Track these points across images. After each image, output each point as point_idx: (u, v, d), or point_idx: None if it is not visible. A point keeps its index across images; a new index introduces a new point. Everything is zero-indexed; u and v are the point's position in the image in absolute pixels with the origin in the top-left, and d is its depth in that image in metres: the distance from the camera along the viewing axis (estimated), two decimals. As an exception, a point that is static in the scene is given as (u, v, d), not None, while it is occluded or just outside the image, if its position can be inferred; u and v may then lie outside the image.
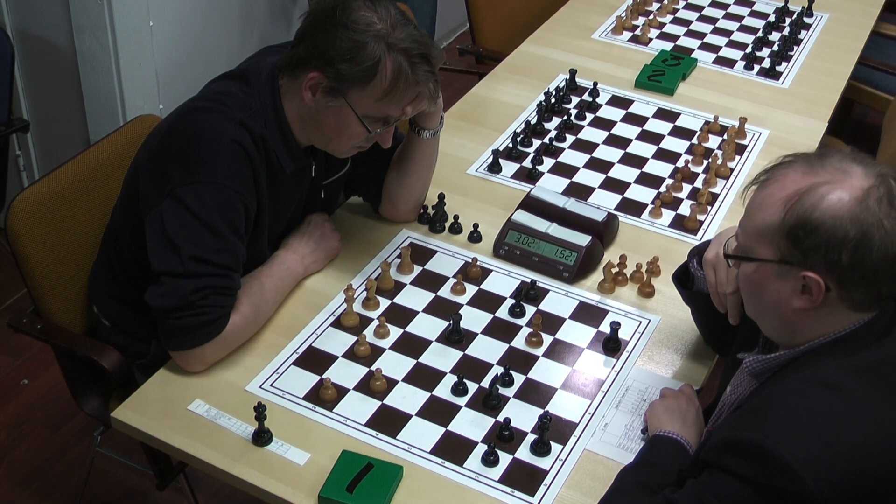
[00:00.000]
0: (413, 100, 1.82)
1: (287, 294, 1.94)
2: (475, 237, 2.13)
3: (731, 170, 2.39)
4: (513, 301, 1.97)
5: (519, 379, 1.80)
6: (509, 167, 2.37)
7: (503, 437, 1.69)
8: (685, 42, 2.96)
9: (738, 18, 3.09)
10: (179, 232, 1.72)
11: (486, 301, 1.98)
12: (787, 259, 1.39)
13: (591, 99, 2.62)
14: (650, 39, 2.95)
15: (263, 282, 1.87)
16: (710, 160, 2.40)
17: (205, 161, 1.74)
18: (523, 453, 1.67)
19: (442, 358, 1.84)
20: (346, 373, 1.80)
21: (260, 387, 1.77)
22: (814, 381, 1.37)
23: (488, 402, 1.75)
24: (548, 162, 2.39)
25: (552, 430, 1.69)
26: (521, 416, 1.73)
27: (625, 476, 1.57)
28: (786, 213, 1.37)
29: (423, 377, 1.80)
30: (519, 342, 1.89)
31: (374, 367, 1.80)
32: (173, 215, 1.73)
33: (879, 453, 1.31)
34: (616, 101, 2.64)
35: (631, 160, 2.41)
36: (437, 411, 1.74)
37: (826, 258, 1.35)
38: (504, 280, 2.03)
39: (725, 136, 2.50)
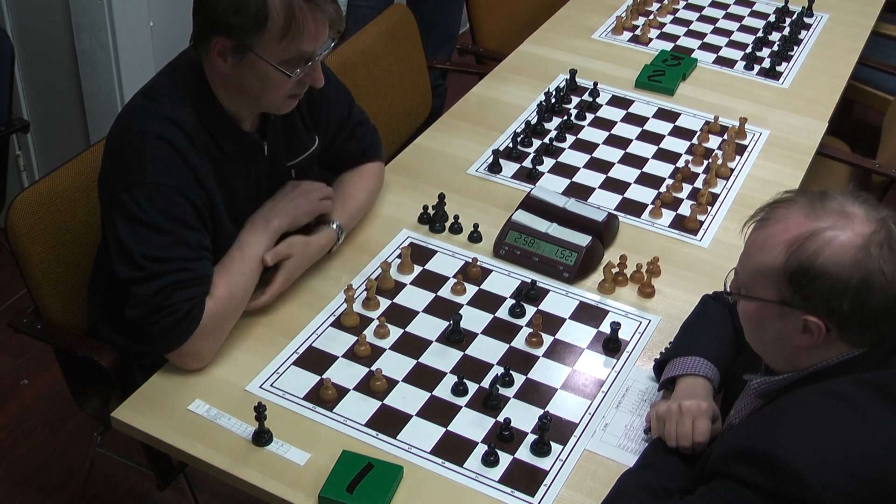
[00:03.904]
0: (322, 28, 1.77)
1: (260, 262, 1.87)
2: (475, 237, 2.13)
3: (732, 170, 2.39)
4: (513, 301, 1.96)
5: (519, 379, 1.80)
6: (509, 167, 2.37)
7: (503, 437, 1.68)
8: (685, 42, 2.96)
9: (738, 18, 3.09)
10: (129, 237, 1.73)
11: (487, 301, 1.97)
12: (789, 302, 1.40)
13: (591, 99, 2.62)
14: (650, 39, 2.95)
15: (233, 255, 1.86)
16: (710, 160, 2.40)
17: (134, 163, 1.75)
18: (523, 453, 1.67)
19: (442, 358, 1.84)
20: (346, 373, 1.80)
21: (260, 387, 1.77)
22: (822, 392, 1.38)
23: (488, 403, 1.75)
24: (548, 162, 2.39)
25: (552, 431, 1.69)
26: (522, 416, 1.73)
27: (628, 479, 1.57)
28: (788, 257, 1.38)
29: (424, 377, 1.80)
30: (519, 342, 1.89)
31: (374, 367, 1.80)
32: (119, 222, 1.74)
33: (889, 463, 1.31)
34: (616, 102, 2.64)
35: (631, 160, 2.41)
36: (438, 411, 1.74)
37: (828, 304, 1.37)
38: (504, 280, 2.03)
39: (725, 137, 2.50)
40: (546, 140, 2.46)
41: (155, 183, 1.74)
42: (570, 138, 2.48)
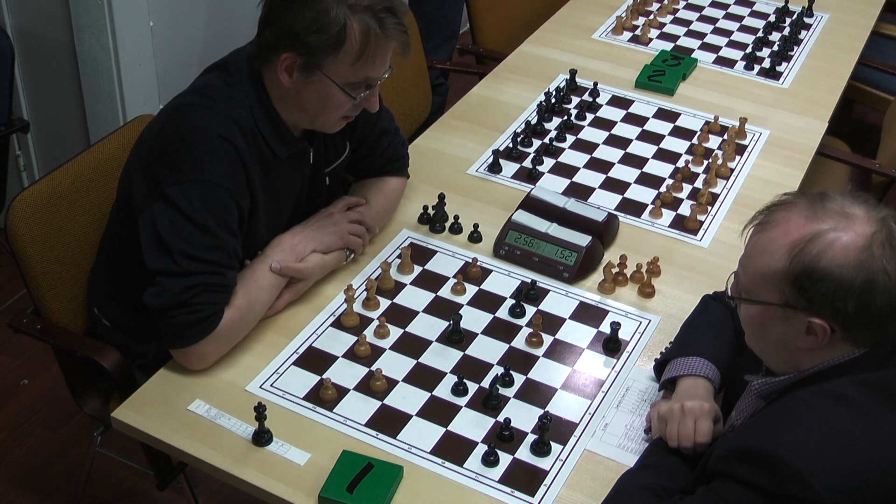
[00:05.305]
0: (388, 55, 1.80)
1: (282, 283, 1.90)
2: (475, 237, 2.13)
3: (732, 170, 2.39)
4: (513, 301, 1.96)
5: (519, 379, 1.80)
6: (509, 167, 2.37)
7: (503, 437, 1.68)
8: (685, 42, 2.96)
9: (738, 18, 3.09)
10: (170, 231, 1.73)
11: (487, 301, 1.97)
12: (792, 304, 1.40)
13: (591, 99, 2.62)
14: (650, 39, 2.95)
15: (256, 268, 1.87)
16: (710, 160, 2.40)
17: (191, 159, 1.74)
18: (523, 453, 1.67)
19: (442, 358, 1.84)
20: (346, 373, 1.80)
21: (260, 387, 1.77)
22: (822, 392, 1.38)
23: (488, 403, 1.75)
24: (548, 162, 2.39)
25: (552, 431, 1.69)
26: (522, 416, 1.73)
27: (628, 479, 1.56)
28: (791, 260, 1.38)
29: (424, 377, 1.80)
30: (519, 342, 1.89)
31: (374, 367, 1.80)
32: (164, 215, 1.73)
33: (889, 463, 1.31)
34: (616, 102, 2.64)
35: (631, 160, 2.41)
36: (438, 411, 1.74)
37: (832, 306, 1.37)
38: (504, 280, 2.03)
39: (725, 137, 2.50)
40: (546, 140, 2.46)
41: (212, 183, 1.74)
42: (570, 138, 2.48)
